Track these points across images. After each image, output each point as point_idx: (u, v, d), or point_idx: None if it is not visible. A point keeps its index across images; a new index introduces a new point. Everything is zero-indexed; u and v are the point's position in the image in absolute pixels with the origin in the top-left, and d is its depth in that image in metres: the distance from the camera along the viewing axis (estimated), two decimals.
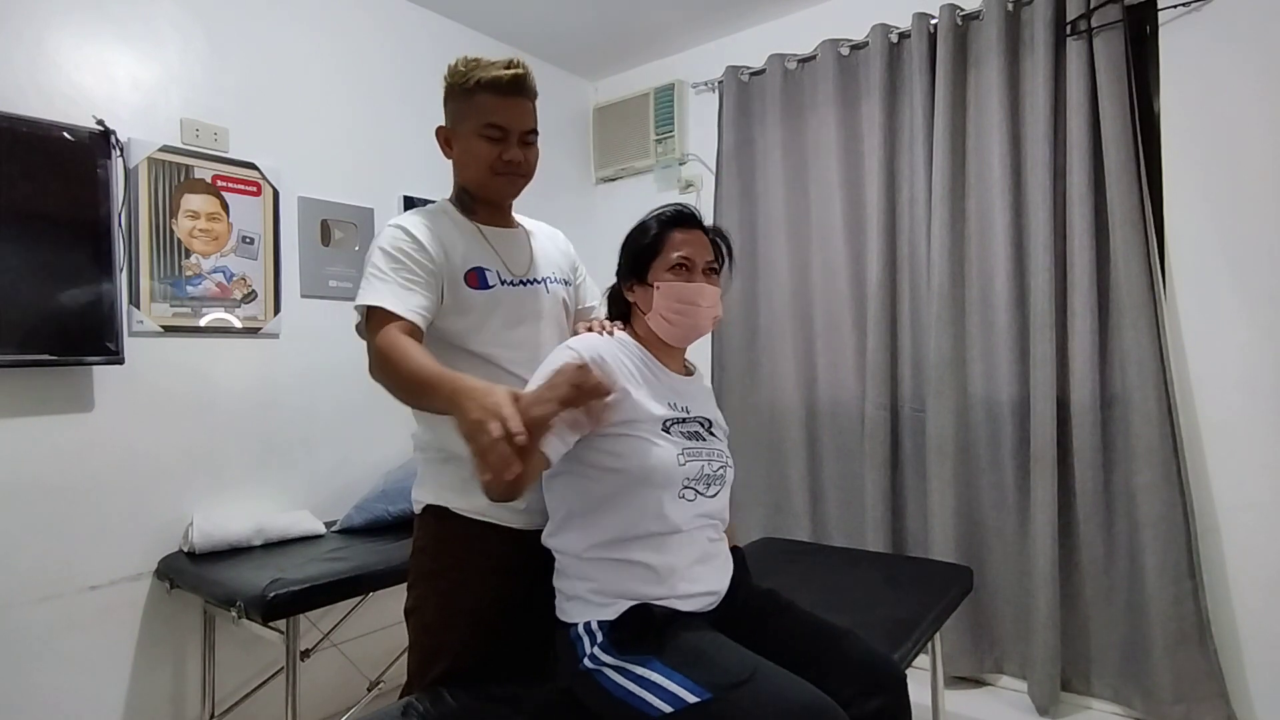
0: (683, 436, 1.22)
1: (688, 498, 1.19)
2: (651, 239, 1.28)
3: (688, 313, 1.24)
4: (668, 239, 1.27)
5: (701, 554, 1.22)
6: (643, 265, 1.28)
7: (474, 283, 1.28)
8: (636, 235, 1.31)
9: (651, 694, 1.06)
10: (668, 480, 1.16)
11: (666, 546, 1.17)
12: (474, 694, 1.24)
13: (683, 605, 1.16)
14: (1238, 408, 2.04)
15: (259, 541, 2.05)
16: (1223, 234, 2.06)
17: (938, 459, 2.41)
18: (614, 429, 1.15)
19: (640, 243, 1.29)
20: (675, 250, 1.25)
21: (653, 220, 1.31)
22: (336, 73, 2.46)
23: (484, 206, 1.38)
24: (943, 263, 2.39)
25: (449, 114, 1.35)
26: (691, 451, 1.21)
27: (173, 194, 2.03)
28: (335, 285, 2.41)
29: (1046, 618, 2.19)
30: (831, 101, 2.67)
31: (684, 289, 1.24)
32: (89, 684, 1.87)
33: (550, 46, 3.10)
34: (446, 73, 1.35)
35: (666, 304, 1.24)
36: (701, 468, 1.21)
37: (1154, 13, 2.14)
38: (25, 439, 1.78)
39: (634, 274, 1.29)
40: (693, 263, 1.25)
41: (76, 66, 1.88)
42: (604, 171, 3.37)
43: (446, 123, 1.35)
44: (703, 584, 1.20)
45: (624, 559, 1.16)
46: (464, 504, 1.26)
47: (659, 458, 1.16)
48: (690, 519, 1.20)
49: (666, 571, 1.16)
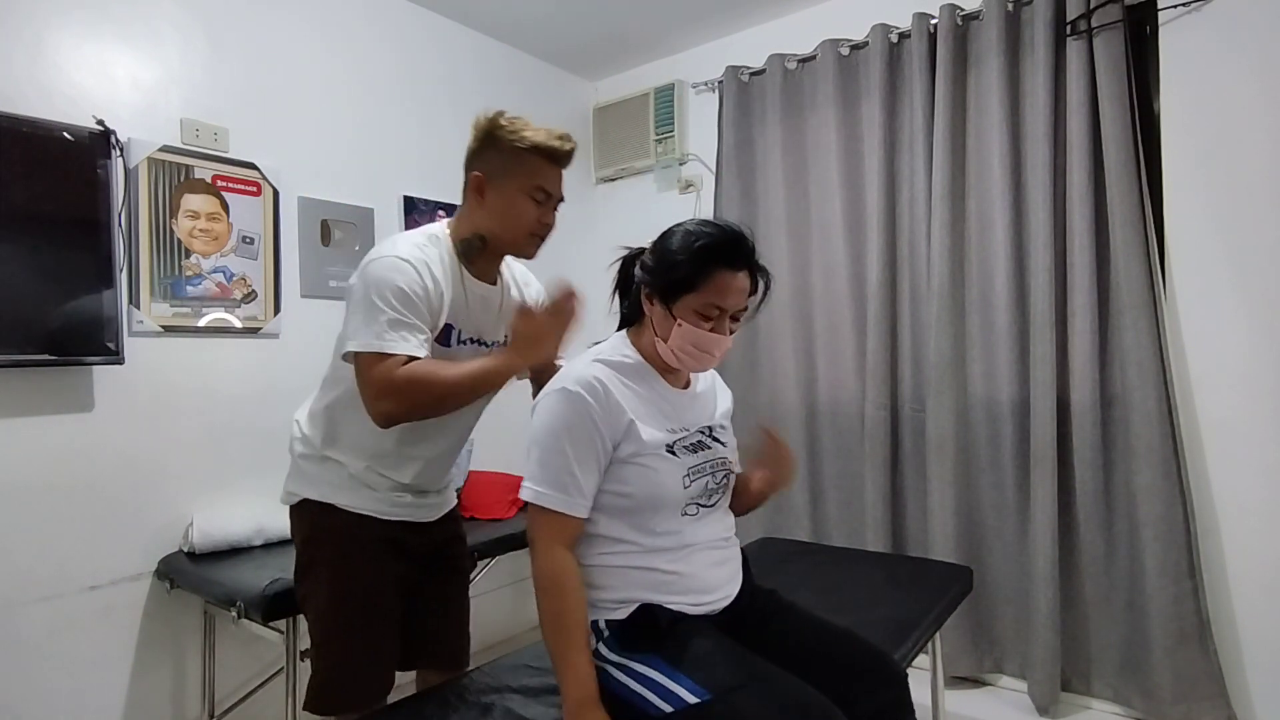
0: (687, 452, 1.20)
1: (690, 513, 1.20)
2: (692, 273, 1.15)
3: (699, 358, 1.19)
4: (710, 280, 1.14)
5: (711, 561, 1.22)
6: (673, 291, 1.16)
7: (441, 338, 1.32)
8: (678, 258, 1.16)
9: (652, 693, 1.07)
10: (672, 503, 1.17)
11: (678, 558, 1.18)
12: (472, 693, 1.24)
13: (692, 610, 1.17)
14: (1238, 407, 2.04)
15: (259, 541, 2.05)
16: (1222, 234, 2.06)
17: (938, 459, 2.41)
18: (623, 458, 1.15)
19: (679, 272, 1.15)
20: (713, 297, 1.15)
21: (702, 248, 1.15)
22: (336, 72, 2.46)
23: (487, 259, 1.40)
24: (943, 263, 2.39)
25: (490, 165, 1.36)
26: (695, 470, 1.20)
27: (173, 194, 2.03)
28: (335, 285, 2.41)
29: (1046, 618, 2.19)
30: (831, 101, 2.67)
31: (704, 338, 1.16)
32: (89, 684, 1.87)
33: (550, 46, 3.11)
34: (487, 123, 1.37)
35: (681, 344, 1.17)
36: (705, 484, 1.21)
37: (1154, 13, 2.14)
38: (25, 439, 1.78)
39: (660, 292, 1.18)
40: (724, 312, 1.17)
41: (76, 66, 1.88)
42: (604, 171, 3.37)
43: (482, 171, 1.36)
44: (714, 591, 1.21)
45: (636, 566, 1.16)
46: (347, 500, 1.34)
47: (664, 484, 1.16)
48: (697, 531, 1.21)
49: (678, 581, 1.17)
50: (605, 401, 1.13)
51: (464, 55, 2.87)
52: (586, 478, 1.12)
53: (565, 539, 1.12)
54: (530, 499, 1.12)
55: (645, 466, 1.15)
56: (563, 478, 1.10)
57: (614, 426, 1.13)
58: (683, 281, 1.15)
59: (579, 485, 1.11)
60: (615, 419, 1.13)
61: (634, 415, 1.15)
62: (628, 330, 1.29)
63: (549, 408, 1.14)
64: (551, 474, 1.11)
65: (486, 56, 2.97)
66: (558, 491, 1.10)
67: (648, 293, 1.21)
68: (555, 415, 1.13)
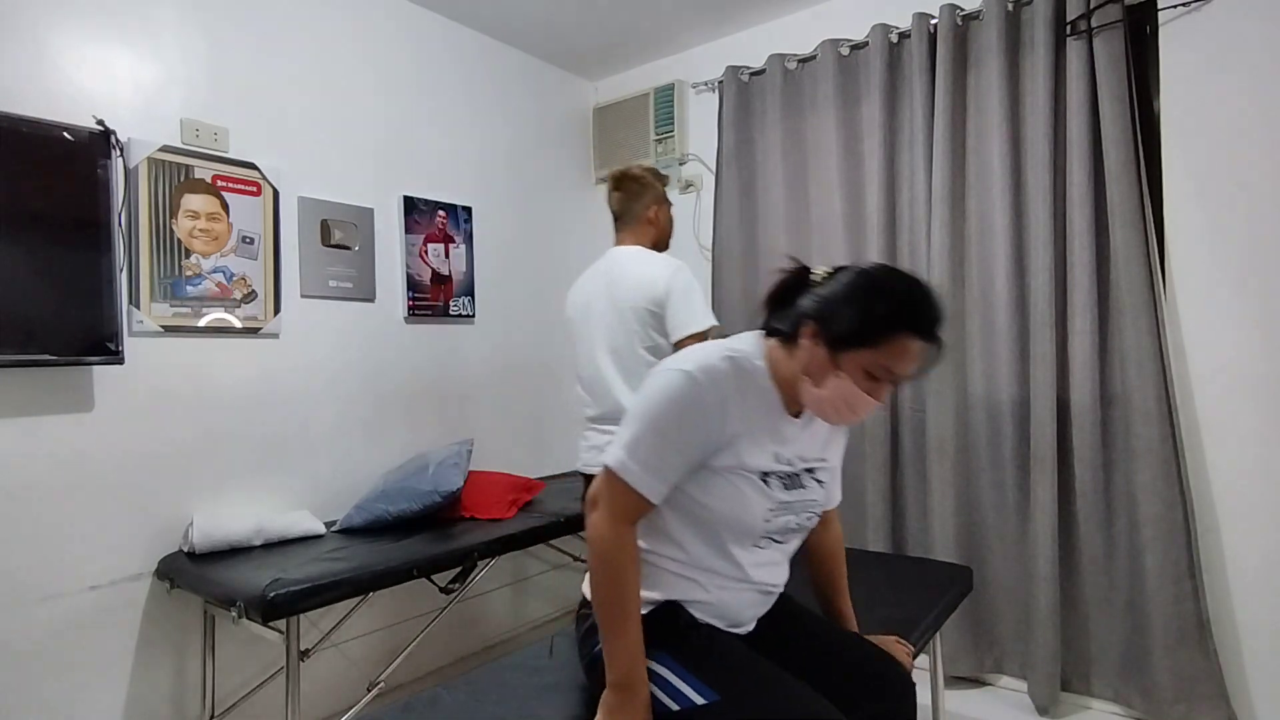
0: (781, 487, 1.14)
1: (761, 546, 1.16)
2: (876, 331, 1.02)
3: (844, 415, 1.07)
4: (894, 344, 1.02)
5: (751, 602, 1.20)
6: (845, 342, 1.03)
7: None
8: (865, 310, 1.03)
9: (662, 690, 1.08)
10: (747, 532, 1.13)
11: (724, 586, 1.15)
12: (472, 693, 1.24)
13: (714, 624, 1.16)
14: (1238, 407, 2.04)
15: (259, 541, 2.04)
16: (1222, 233, 2.06)
17: (938, 459, 2.41)
18: (716, 467, 1.09)
19: (860, 325, 1.03)
20: (890, 360, 1.03)
21: (897, 310, 1.03)
22: (336, 73, 2.46)
23: None
24: (943, 263, 2.39)
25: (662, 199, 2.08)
26: (783, 506, 1.14)
27: (173, 194, 2.03)
28: (335, 285, 2.41)
29: (1046, 618, 2.19)
30: (831, 101, 2.67)
31: (860, 398, 1.04)
32: (89, 684, 1.87)
33: (550, 46, 3.11)
34: (653, 172, 2.08)
35: (832, 396, 1.05)
36: (787, 522, 1.16)
37: (1154, 13, 2.14)
38: (25, 439, 1.78)
39: (829, 337, 1.05)
40: (894, 377, 1.06)
41: (77, 66, 1.88)
42: (604, 171, 3.37)
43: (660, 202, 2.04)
44: (741, 626, 1.20)
45: (683, 576, 1.14)
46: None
47: (746, 510, 1.11)
48: (755, 565, 1.17)
49: (711, 606, 1.15)
50: (723, 404, 1.07)
51: (464, 55, 2.87)
52: (677, 467, 1.07)
53: (633, 517, 1.08)
54: (615, 467, 1.07)
55: (734, 486, 1.10)
56: (655, 460, 1.06)
57: (722, 432, 1.07)
58: (861, 336, 1.03)
59: (668, 472, 1.07)
60: (726, 425, 1.07)
61: (743, 430, 1.09)
62: (765, 338, 1.16)
63: (668, 386, 1.07)
64: (645, 452, 1.06)
65: (487, 56, 2.97)
66: (646, 472, 1.06)
67: (813, 330, 1.06)
68: (671, 396, 1.06)
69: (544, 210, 3.21)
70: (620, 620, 1.04)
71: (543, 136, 3.21)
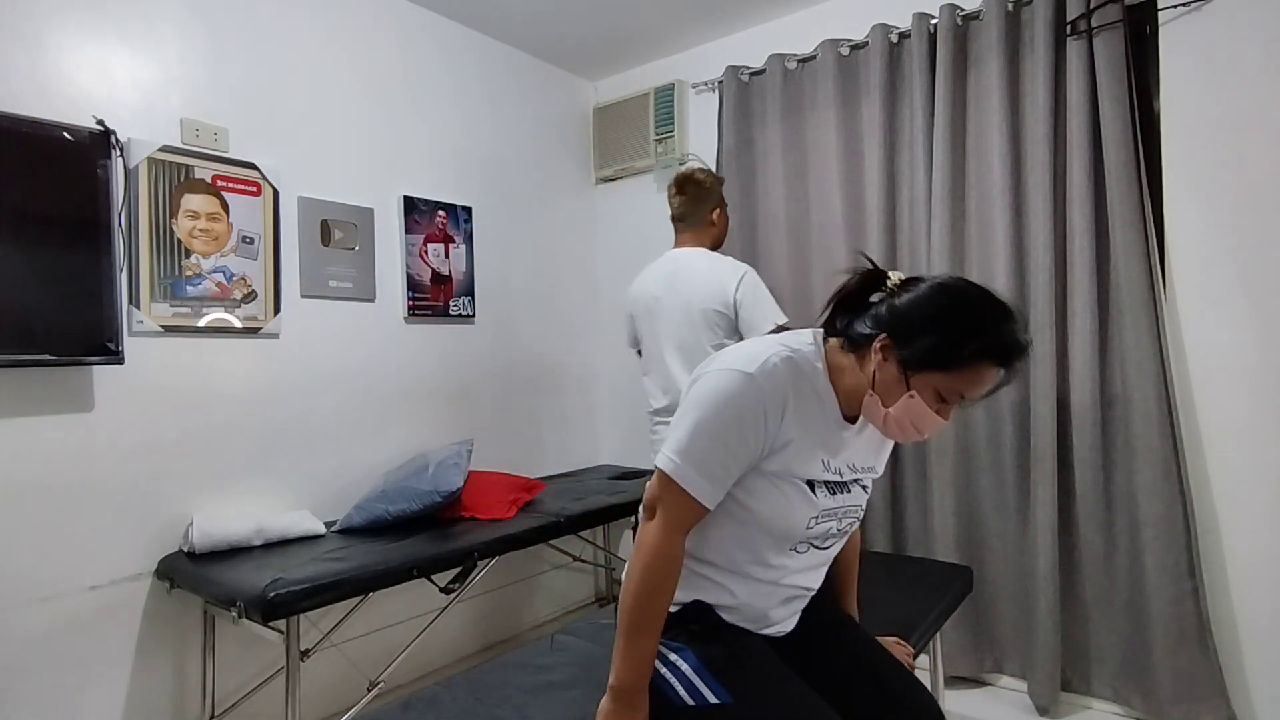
0: (827, 493, 1.11)
1: (800, 550, 1.13)
2: (958, 358, 0.98)
3: (908, 433, 1.04)
4: (973, 371, 0.98)
5: (782, 599, 1.17)
6: (920, 359, 0.99)
7: None
8: (949, 335, 0.98)
9: (679, 683, 1.07)
10: (787, 537, 1.10)
11: (756, 590, 1.14)
12: (472, 693, 1.24)
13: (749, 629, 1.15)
14: (1238, 407, 2.04)
15: (259, 541, 2.04)
16: (1222, 234, 2.06)
17: (938, 459, 2.41)
18: (764, 470, 1.07)
19: (941, 349, 0.98)
20: (965, 387, 0.99)
21: (987, 342, 0.97)
22: (336, 72, 2.46)
23: None
24: (943, 263, 2.39)
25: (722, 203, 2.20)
26: (827, 513, 1.11)
27: (173, 194, 2.03)
28: (335, 285, 2.41)
29: (1046, 618, 2.19)
30: (831, 101, 2.67)
31: (928, 418, 1.01)
32: (89, 684, 1.87)
33: (550, 46, 3.11)
34: (714, 177, 2.17)
35: (900, 415, 1.02)
36: (829, 529, 1.13)
37: (1154, 13, 2.14)
38: (25, 439, 1.78)
39: (903, 356, 1.00)
40: (965, 401, 1.03)
41: (76, 66, 1.88)
42: (604, 171, 3.37)
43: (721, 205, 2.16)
44: (772, 626, 1.18)
45: (714, 581, 1.13)
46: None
47: (790, 516, 1.08)
48: (790, 570, 1.15)
49: (740, 609, 1.14)
50: (782, 407, 1.03)
51: (464, 55, 2.87)
52: (733, 473, 1.04)
53: (688, 524, 1.05)
54: (672, 473, 1.02)
55: (780, 491, 1.07)
56: (713, 466, 1.02)
57: (776, 436, 1.04)
58: (940, 360, 0.98)
59: (725, 478, 1.04)
60: (781, 429, 1.04)
61: (796, 435, 1.05)
62: (826, 338, 1.12)
63: (727, 386, 1.02)
64: (704, 457, 1.02)
65: (487, 56, 2.97)
66: (704, 479, 1.02)
67: (885, 343, 1.02)
68: (730, 400, 1.02)
69: (544, 210, 3.21)
70: (642, 630, 1.02)
71: (543, 136, 3.21)
